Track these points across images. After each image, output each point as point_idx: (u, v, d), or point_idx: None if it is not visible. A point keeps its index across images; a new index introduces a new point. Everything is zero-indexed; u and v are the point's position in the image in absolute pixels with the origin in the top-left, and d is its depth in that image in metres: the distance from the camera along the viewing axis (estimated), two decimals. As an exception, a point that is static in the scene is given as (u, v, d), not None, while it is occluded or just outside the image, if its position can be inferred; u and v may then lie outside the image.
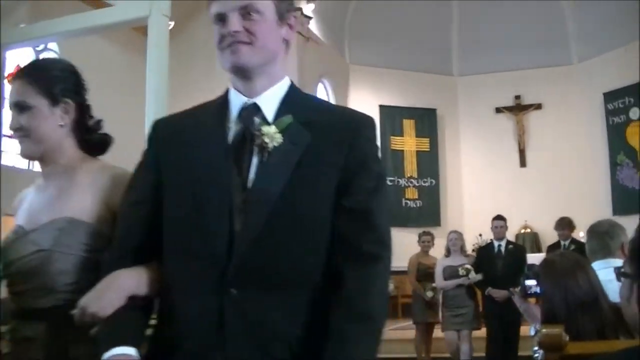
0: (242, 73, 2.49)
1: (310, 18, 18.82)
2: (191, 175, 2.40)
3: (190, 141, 2.49)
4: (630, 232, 2.21)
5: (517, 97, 23.23)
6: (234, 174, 2.37)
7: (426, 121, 23.08)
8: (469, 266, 11.75)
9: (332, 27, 21.22)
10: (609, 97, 21.59)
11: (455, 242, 12.16)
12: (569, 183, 21.59)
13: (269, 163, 2.35)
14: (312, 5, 18.83)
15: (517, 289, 4.38)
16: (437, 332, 12.65)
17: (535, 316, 4.12)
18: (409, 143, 22.84)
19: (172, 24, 15.40)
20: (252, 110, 2.47)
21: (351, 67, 22.42)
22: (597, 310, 3.56)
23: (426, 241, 13.17)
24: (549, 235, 20.33)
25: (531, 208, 20.56)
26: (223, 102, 2.58)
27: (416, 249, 13.26)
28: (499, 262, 11.77)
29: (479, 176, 22.63)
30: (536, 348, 3.76)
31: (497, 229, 12.17)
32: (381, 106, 22.46)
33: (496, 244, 12.10)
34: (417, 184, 22.69)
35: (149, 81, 14.39)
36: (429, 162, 22.82)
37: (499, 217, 12.32)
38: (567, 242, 12.41)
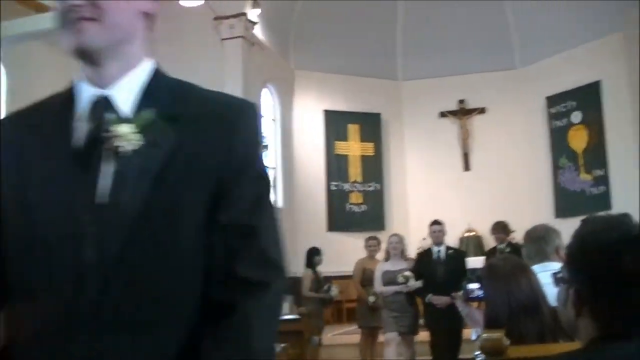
0: (89, 57, 1.95)
1: (255, 23, 18.76)
2: (25, 192, 1.87)
3: (26, 148, 1.94)
4: (569, 236, 2.23)
5: (461, 101, 23.38)
6: (80, 187, 1.84)
7: (370, 126, 23.11)
8: (408, 273, 11.42)
9: (277, 32, 21.18)
10: (552, 101, 21.84)
11: (396, 246, 11.88)
12: (512, 186, 21.76)
13: (124, 172, 1.83)
14: (257, 11, 18.78)
15: (460, 293, 4.38)
16: (382, 337, 12.48)
17: (477, 320, 4.13)
18: (353, 148, 22.86)
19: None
20: (103, 104, 1.93)
21: (296, 72, 22.38)
22: (538, 314, 3.57)
23: (372, 246, 13.14)
24: (493, 239, 20.54)
25: (475, 212, 20.67)
26: (68, 95, 2.01)
27: (362, 253, 13.27)
28: (439, 267, 11.38)
29: (424, 180, 22.71)
30: (478, 353, 3.77)
31: (434, 233, 11.79)
32: (326, 111, 22.53)
33: (435, 249, 11.66)
34: (361, 189, 22.72)
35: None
36: (374, 167, 22.86)
37: (436, 222, 11.95)
38: (503, 246, 12.49)
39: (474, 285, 4.22)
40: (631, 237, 2.05)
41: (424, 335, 11.79)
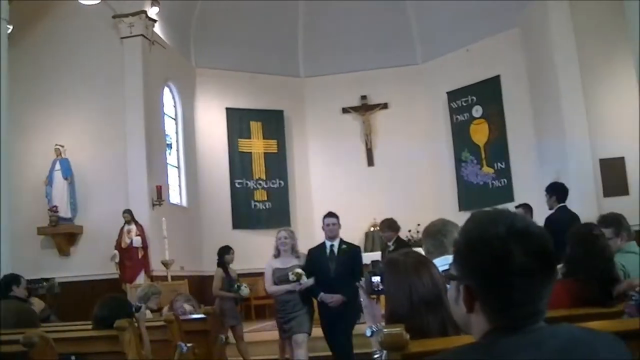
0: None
1: (155, 21, 18.57)
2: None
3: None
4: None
5: (364, 97, 23.48)
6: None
7: (273, 123, 23.08)
8: (299, 270, 10.61)
9: (177, 30, 21.00)
10: (453, 95, 22.12)
11: (285, 242, 10.91)
12: (416, 180, 21.99)
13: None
14: (156, 9, 18.57)
15: (363, 283, 4.33)
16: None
17: (376, 315, 4.08)
18: (256, 145, 22.79)
19: (10, 27, 15.09)
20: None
21: (197, 70, 22.23)
22: (441, 308, 3.55)
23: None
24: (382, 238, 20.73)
25: (380, 206, 20.76)
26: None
27: (268, 250, 13.19)
28: (332, 263, 10.65)
29: (328, 176, 22.78)
30: (375, 349, 3.74)
31: (328, 227, 10.88)
32: (228, 109, 22.45)
33: (328, 244, 10.81)
34: (266, 186, 22.68)
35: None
36: (278, 164, 22.85)
37: (330, 214, 11.05)
38: (391, 243, 12.45)
39: (377, 278, 4.17)
40: (516, 231, 2.05)
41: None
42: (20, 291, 9.20)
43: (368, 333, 3.94)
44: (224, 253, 13.05)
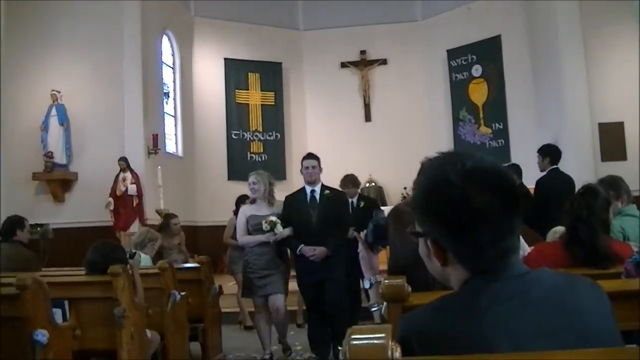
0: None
1: (154, -31, 18.41)
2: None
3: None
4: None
5: (363, 52, 23.38)
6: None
7: (271, 75, 22.99)
8: (273, 218, 9.35)
9: (177, -22, 20.84)
10: (452, 54, 22.00)
11: (254, 188, 9.76)
12: (413, 138, 21.93)
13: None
14: (156, -45, 18.43)
15: (363, 234, 4.24)
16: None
17: (374, 267, 4.01)
18: (254, 97, 22.72)
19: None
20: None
21: (196, 19, 22.09)
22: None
23: None
24: (393, 189, 20.66)
25: (376, 162, 20.82)
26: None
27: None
28: (313, 211, 9.49)
29: (325, 130, 22.73)
30: (373, 303, 3.70)
31: (307, 170, 9.64)
32: (226, 59, 22.36)
33: (308, 189, 9.66)
34: (262, 138, 22.63)
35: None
36: (274, 116, 22.80)
37: (309, 156, 9.93)
38: (354, 199, 12.29)
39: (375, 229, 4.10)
40: (468, 171, 2.01)
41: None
42: (24, 235, 9.12)
43: (366, 285, 3.89)
44: (241, 202, 12.98)
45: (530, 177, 11.98)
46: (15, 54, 16.31)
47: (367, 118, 23.25)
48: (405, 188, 19.63)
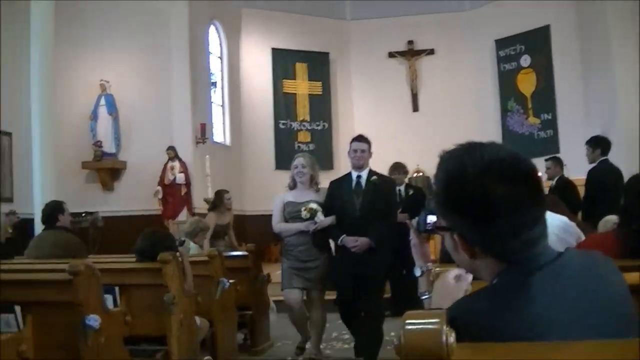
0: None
1: (202, -41, 18.49)
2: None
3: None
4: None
5: (410, 42, 23.27)
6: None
7: (318, 65, 23.01)
8: (314, 205, 8.49)
9: (225, -32, 20.91)
10: (501, 44, 21.84)
11: (302, 172, 8.81)
12: (460, 128, 21.69)
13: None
14: (204, -53, 18.52)
15: (414, 222, 4.22)
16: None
17: (426, 254, 4.00)
18: (301, 86, 22.75)
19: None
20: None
21: (243, 10, 22.15)
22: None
23: None
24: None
25: (424, 152, 20.64)
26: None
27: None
28: (358, 199, 8.49)
29: (372, 120, 22.62)
30: (423, 290, 3.70)
31: (356, 153, 8.65)
32: (274, 49, 22.39)
33: (354, 174, 8.67)
34: (309, 127, 22.65)
35: (34, 20, 14.02)
36: (322, 106, 22.82)
37: (359, 138, 8.85)
38: (402, 187, 12.34)
39: (433, 217, 4.08)
40: (486, 163, 2.01)
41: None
42: (66, 219, 9.15)
43: (417, 273, 3.88)
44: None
45: (578, 168, 11.92)
46: (65, 44, 16.45)
47: (415, 108, 23.17)
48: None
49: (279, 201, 8.96)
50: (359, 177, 8.70)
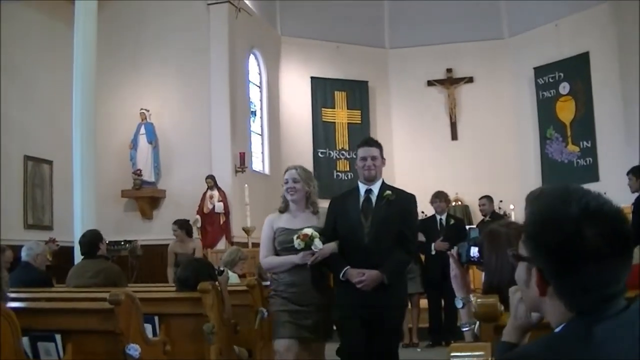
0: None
1: (241, -12, 18.62)
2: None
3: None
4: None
5: (449, 70, 23.27)
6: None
7: (357, 93, 23.02)
8: (309, 230, 6.60)
9: (264, -2, 21.06)
10: (540, 71, 21.75)
11: (294, 187, 6.98)
12: (499, 156, 21.77)
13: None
14: (243, -24, 18.67)
15: (454, 252, 4.19)
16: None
17: (467, 285, 3.95)
18: (340, 115, 22.76)
19: (100, -9, 15.22)
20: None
21: (283, 38, 22.26)
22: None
23: None
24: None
25: (462, 181, 20.66)
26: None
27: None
28: (367, 220, 6.73)
29: (411, 149, 22.66)
30: (464, 323, 3.66)
31: (365, 161, 6.86)
32: (312, 78, 22.45)
33: (363, 188, 6.88)
34: (348, 156, 22.58)
35: (76, 49, 14.19)
36: (360, 134, 22.66)
37: (368, 142, 7.10)
38: (443, 217, 12.34)
39: (475, 250, 4.04)
40: (590, 210, 1.98)
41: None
42: (104, 248, 9.25)
43: (458, 304, 3.84)
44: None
45: (618, 196, 11.78)
46: (107, 72, 16.62)
47: (454, 136, 23.12)
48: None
49: (268, 227, 7.13)
50: (368, 192, 6.88)
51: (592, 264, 1.94)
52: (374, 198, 6.82)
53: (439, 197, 12.48)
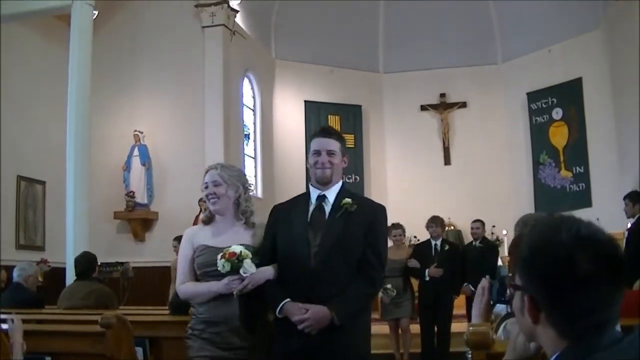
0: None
1: (236, 12, 18.67)
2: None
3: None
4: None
5: (442, 95, 23.33)
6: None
7: (351, 117, 23.04)
8: (239, 249, 4.80)
9: (259, 21, 21.11)
10: (533, 97, 21.82)
11: (216, 192, 5.25)
12: (492, 181, 21.79)
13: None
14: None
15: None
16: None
17: (485, 315, 3.88)
18: (333, 139, 22.71)
19: (95, 13, 15.27)
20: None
21: (277, 62, 22.30)
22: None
23: (397, 234, 12.64)
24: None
25: (455, 206, 20.65)
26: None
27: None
28: (316, 236, 4.94)
29: (404, 173, 22.70)
30: (467, 350, 3.66)
31: (318, 156, 5.14)
32: (306, 102, 22.50)
33: (314, 193, 5.18)
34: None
35: (71, 71, 14.19)
36: (354, 159, 22.74)
37: (325, 132, 5.36)
38: (438, 242, 12.34)
39: (501, 307, 3.97)
40: (581, 238, 1.99)
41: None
42: (97, 270, 9.27)
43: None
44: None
45: (611, 222, 11.79)
46: (101, 94, 16.66)
47: (447, 161, 23.14)
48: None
49: (187, 244, 5.42)
50: (321, 198, 5.13)
51: (584, 291, 1.94)
52: (328, 207, 5.08)
53: (435, 222, 12.44)
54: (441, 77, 23.09)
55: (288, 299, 4.79)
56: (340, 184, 5.19)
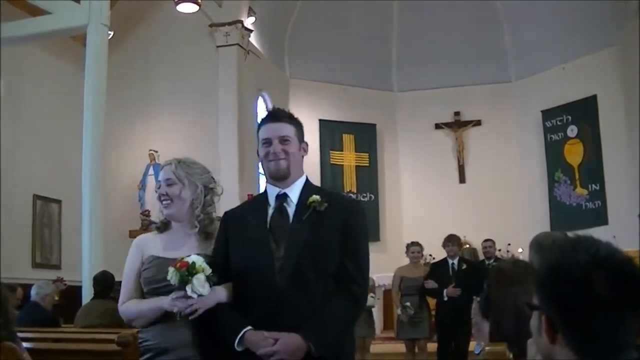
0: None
1: (250, 31, 18.72)
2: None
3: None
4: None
5: (457, 114, 23.32)
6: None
7: (365, 136, 23.06)
8: (193, 258, 3.76)
9: (273, 40, 21.18)
10: (547, 114, 21.77)
11: (169, 191, 4.49)
12: (507, 199, 21.71)
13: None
14: (252, 19, 18.78)
15: (478, 299, 4.09)
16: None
17: (485, 333, 3.88)
18: (348, 158, 22.80)
19: (111, 33, 15.33)
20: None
21: (291, 81, 22.35)
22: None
23: (415, 252, 12.65)
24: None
25: (470, 224, 20.57)
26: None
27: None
28: (279, 246, 3.90)
29: (418, 192, 22.66)
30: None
31: (268, 146, 4.19)
32: (321, 120, 22.46)
33: (273, 192, 4.24)
34: (356, 199, 22.52)
35: (87, 91, 14.23)
36: (368, 177, 22.79)
37: (275, 116, 4.45)
38: (455, 261, 12.24)
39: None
40: (599, 258, 1.98)
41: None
42: (114, 289, 9.27)
43: (477, 351, 3.77)
44: None
45: (627, 239, 11.77)
46: (117, 113, 16.68)
47: (462, 179, 23.13)
48: (499, 250, 19.24)
49: (136, 253, 4.63)
50: (281, 198, 4.19)
51: (602, 312, 1.93)
52: (291, 209, 4.13)
53: (452, 241, 12.36)
54: (455, 95, 23.07)
55: (249, 327, 3.79)
56: (303, 178, 4.29)
